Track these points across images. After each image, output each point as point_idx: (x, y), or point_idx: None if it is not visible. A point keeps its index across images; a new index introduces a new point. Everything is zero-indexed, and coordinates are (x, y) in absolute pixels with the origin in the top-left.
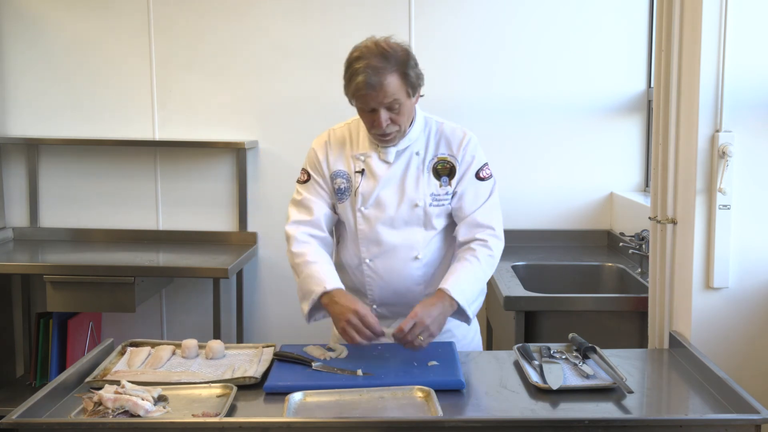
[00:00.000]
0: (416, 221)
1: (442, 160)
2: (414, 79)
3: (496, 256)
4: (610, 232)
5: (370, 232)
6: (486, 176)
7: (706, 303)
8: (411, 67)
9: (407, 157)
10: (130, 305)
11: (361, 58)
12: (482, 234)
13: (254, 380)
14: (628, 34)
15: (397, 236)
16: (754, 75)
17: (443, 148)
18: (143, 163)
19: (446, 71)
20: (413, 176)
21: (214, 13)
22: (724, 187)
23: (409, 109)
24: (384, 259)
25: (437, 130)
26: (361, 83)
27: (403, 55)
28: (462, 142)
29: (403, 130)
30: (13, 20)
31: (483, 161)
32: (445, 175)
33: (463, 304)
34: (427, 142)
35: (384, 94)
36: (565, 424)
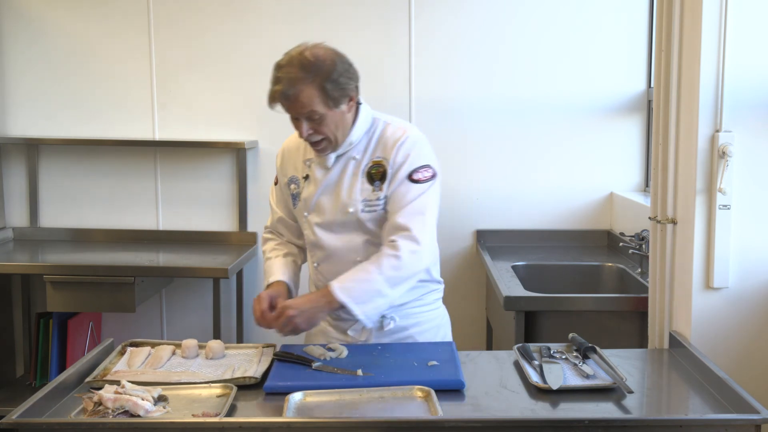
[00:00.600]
0: (352, 226)
1: (376, 164)
2: (335, 92)
3: (404, 257)
4: (610, 232)
5: (314, 237)
6: (421, 179)
7: (706, 303)
8: (332, 80)
9: (344, 162)
10: (130, 305)
11: (282, 66)
12: (395, 235)
13: (254, 380)
14: (628, 34)
15: (337, 240)
16: (754, 75)
17: (379, 151)
18: (143, 163)
19: (446, 71)
20: (347, 181)
21: (214, 14)
22: (724, 187)
23: (335, 119)
24: (328, 263)
25: (380, 133)
26: (276, 92)
27: (327, 67)
28: (396, 143)
29: (333, 139)
30: (13, 20)
31: (421, 163)
32: (378, 179)
33: (344, 300)
34: (366, 146)
35: (300, 105)
36: (565, 424)
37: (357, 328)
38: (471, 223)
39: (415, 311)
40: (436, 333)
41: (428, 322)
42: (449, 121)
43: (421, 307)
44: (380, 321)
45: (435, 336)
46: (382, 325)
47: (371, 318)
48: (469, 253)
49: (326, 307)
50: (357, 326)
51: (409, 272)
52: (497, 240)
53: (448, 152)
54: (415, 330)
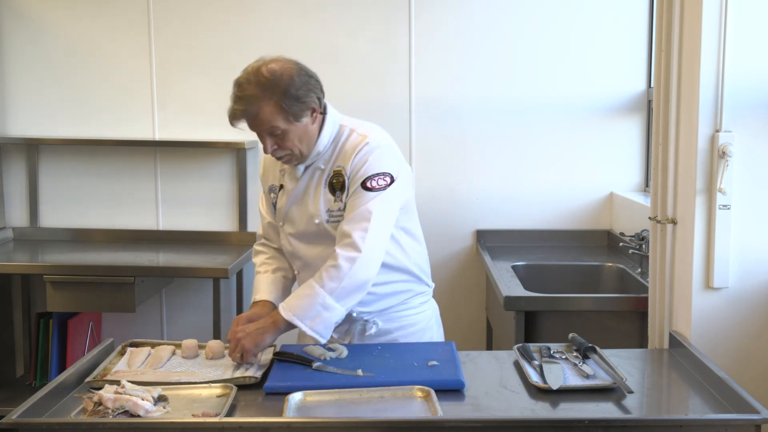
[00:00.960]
0: (323, 236)
1: (336, 173)
2: (294, 107)
3: (342, 266)
4: (610, 232)
5: (290, 247)
6: (375, 186)
7: (706, 303)
8: (289, 95)
9: (311, 173)
10: (130, 305)
11: (240, 84)
12: (338, 244)
13: (254, 380)
14: (628, 34)
15: (311, 250)
16: (754, 75)
17: (339, 160)
18: (143, 163)
19: (446, 71)
20: (312, 192)
21: (214, 14)
22: (724, 187)
23: (298, 133)
24: (306, 272)
25: (344, 141)
26: (236, 111)
27: (284, 83)
28: (354, 151)
29: (298, 153)
30: (13, 20)
31: (377, 170)
32: (338, 189)
33: (288, 318)
34: (331, 155)
35: (260, 122)
36: (565, 424)
37: (341, 331)
38: (471, 223)
39: (400, 315)
40: (422, 336)
41: (413, 326)
42: (449, 121)
43: (406, 310)
44: (363, 325)
45: (420, 339)
46: (364, 328)
47: (321, 333)
48: (469, 253)
49: (272, 328)
50: (341, 329)
51: (352, 281)
52: (497, 240)
53: (448, 152)
54: (400, 333)
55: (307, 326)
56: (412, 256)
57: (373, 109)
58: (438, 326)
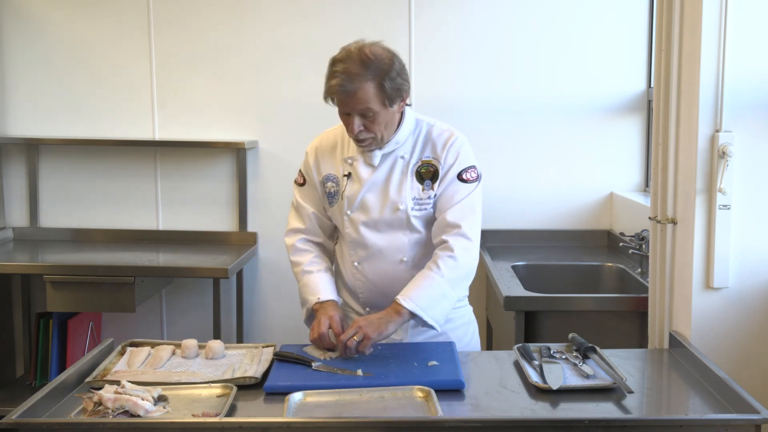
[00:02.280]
0: (400, 225)
1: (426, 163)
2: (391, 91)
3: (459, 256)
4: (610, 232)
5: (357, 236)
6: (469, 179)
7: (706, 303)
8: (390, 78)
9: (392, 161)
10: (130, 305)
11: (341, 61)
12: (448, 234)
13: (254, 380)
14: (628, 34)
15: (382, 239)
16: (754, 75)
17: (428, 151)
18: (143, 163)
19: (446, 71)
20: (396, 180)
21: (214, 13)
22: (724, 187)
23: (387, 117)
24: (371, 262)
25: (426, 133)
26: (335, 87)
27: (385, 65)
28: (446, 144)
29: (380, 138)
30: (13, 20)
31: (469, 163)
32: (428, 178)
33: (412, 309)
34: (414, 145)
35: (357, 101)
36: (565, 424)
37: None
38: None
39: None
40: (467, 330)
41: (459, 319)
42: (449, 121)
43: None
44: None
45: (465, 333)
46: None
47: (439, 321)
48: None
49: (396, 317)
50: None
51: (465, 270)
52: (497, 240)
53: None
54: (448, 327)
55: (429, 316)
56: None
57: None
58: (476, 321)
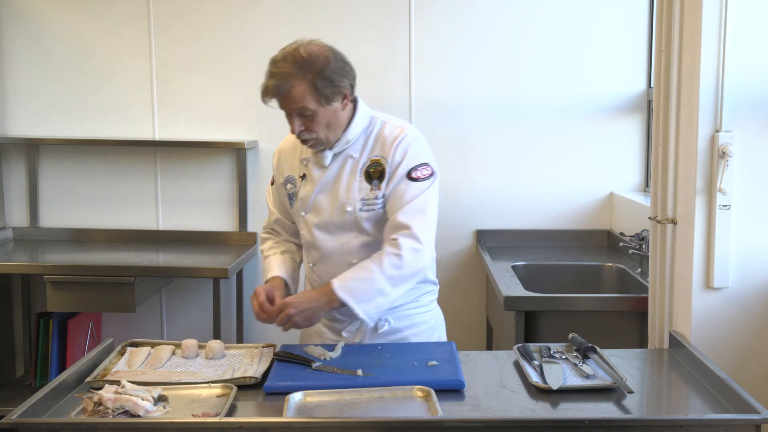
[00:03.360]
0: (349, 226)
1: (374, 162)
2: (327, 89)
3: (405, 256)
4: (610, 232)
5: (310, 237)
6: (420, 177)
7: (706, 303)
8: (324, 77)
9: (342, 161)
10: (130, 305)
11: (276, 61)
12: (397, 234)
13: (254, 380)
14: (628, 34)
15: (333, 241)
16: (754, 75)
17: (377, 150)
18: (143, 163)
19: (446, 71)
20: (345, 180)
21: (214, 13)
22: (724, 187)
23: (327, 117)
24: (324, 264)
25: (378, 131)
26: (269, 87)
27: (320, 63)
28: (394, 141)
29: (324, 138)
30: (13, 20)
31: (419, 161)
32: (376, 178)
33: (344, 298)
34: (364, 144)
35: (291, 100)
36: (565, 424)
37: (351, 330)
38: (471, 223)
39: (410, 312)
40: (431, 334)
41: (423, 324)
42: (449, 121)
43: (416, 308)
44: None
45: (429, 337)
46: (376, 326)
47: (372, 317)
48: (469, 253)
49: (326, 306)
50: (351, 327)
51: (410, 271)
52: (497, 240)
53: (448, 152)
54: (410, 332)
55: (361, 309)
56: None
57: (373, 109)
58: (443, 325)
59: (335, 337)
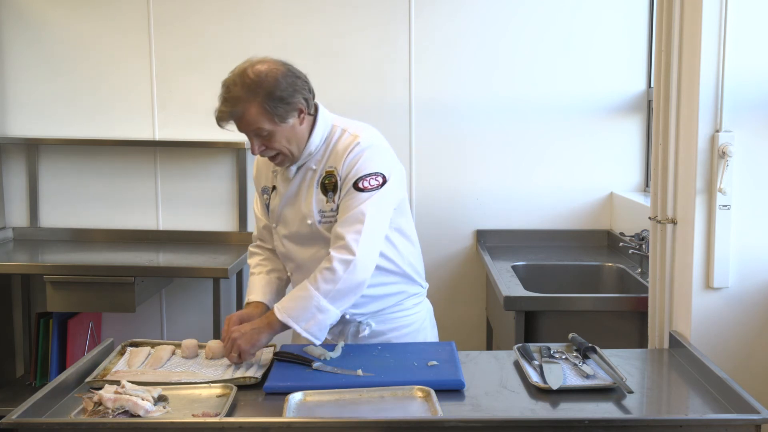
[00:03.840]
0: (315, 238)
1: (328, 174)
2: (279, 108)
3: (337, 269)
4: (610, 232)
5: (283, 248)
6: (367, 187)
7: (706, 303)
8: (275, 98)
9: (303, 173)
10: (130, 305)
11: (227, 86)
12: (332, 246)
13: (254, 380)
14: (628, 34)
15: (304, 252)
16: (754, 75)
17: (331, 161)
18: (143, 163)
19: (446, 71)
20: (305, 193)
21: (213, 13)
22: (724, 187)
23: (286, 134)
24: (299, 274)
25: (335, 141)
26: (222, 113)
27: (268, 84)
28: (346, 151)
29: (288, 153)
30: (13, 20)
31: (370, 170)
32: (330, 189)
33: (283, 320)
34: (323, 155)
35: (245, 123)
36: (565, 424)
37: (334, 332)
38: (471, 223)
39: (393, 316)
40: (416, 337)
41: (407, 327)
42: (449, 121)
43: (400, 312)
44: (356, 326)
45: (415, 339)
46: (358, 329)
47: (315, 335)
48: (469, 253)
49: (267, 328)
50: (334, 330)
51: (346, 284)
52: (497, 240)
53: (448, 152)
54: (394, 334)
55: (302, 328)
56: (405, 257)
57: (373, 109)
58: (432, 326)
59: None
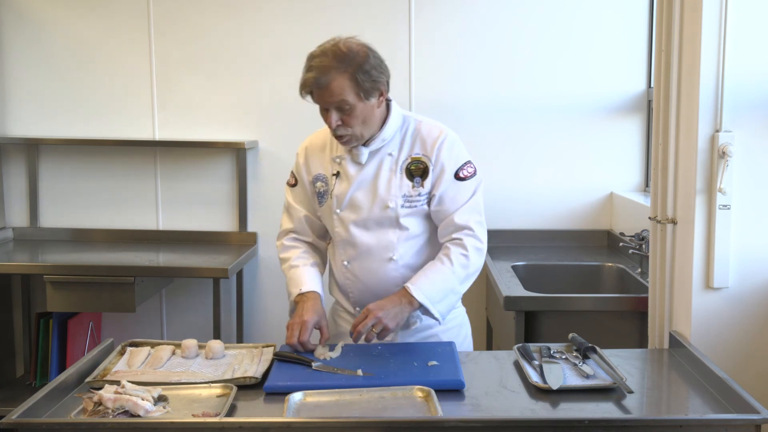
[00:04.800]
0: (389, 223)
1: (416, 161)
2: (366, 83)
3: (471, 255)
4: (610, 232)
5: (346, 234)
6: (466, 175)
7: (706, 303)
8: (364, 70)
9: (380, 158)
10: (130, 305)
11: (316, 56)
12: (458, 234)
13: (254, 380)
14: (628, 34)
15: (371, 238)
16: (754, 75)
17: (417, 148)
18: (143, 163)
19: (446, 71)
20: (385, 177)
21: (214, 13)
22: (724, 187)
23: (365, 112)
24: (360, 261)
25: (414, 130)
26: (309, 80)
27: (360, 57)
28: (436, 141)
29: (359, 134)
30: (13, 20)
31: (463, 160)
32: (418, 175)
33: (422, 300)
34: (401, 142)
35: (330, 93)
36: (565, 424)
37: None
38: None
39: None
40: (459, 331)
41: (451, 321)
42: (449, 121)
43: None
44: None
45: (458, 334)
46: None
47: (444, 315)
48: None
49: (408, 308)
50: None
51: (474, 269)
52: (497, 240)
53: None
54: (440, 328)
55: (436, 310)
56: None
57: None
58: (468, 323)
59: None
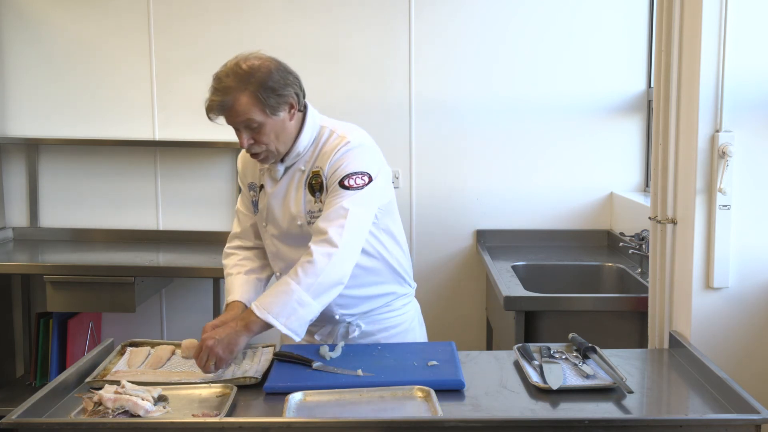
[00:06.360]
0: (305, 238)
1: (315, 174)
2: (271, 99)
3: (318, 261)
4: (610, 232)
5: (272, 247)
6: (353, 185)
7: (706, 303)
8: (268, 88)
9: (291, 174)
10: (130, 305)
11: (219, 77)
12: (313, 241)
13: (254, 380)
14: (628, 34)
15: (293, 252)
16: (754, 75)
17: (319, 161)
18: (143, 163)
19: (446, 71)
20: (293, 193)
21: (214, 14)
22: (724, 187)
23: (275, 128)
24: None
25: (323, 142)
26: (213, 103)
27: (262, 74)
28: (333, 151)
29: (275, 150)
30: (13, 20)
31: (356, 169)
32: (317, 189)
33: (264, 317)
34: (311, 156)
35: (235, 113)
36: (565, 424)
37: (323, 333)
38: (471, 223)
39: (383, 317)
40: (405, 337)
41: (396, 327)
42: (449, 121)
43: (388, 312)
44: (346, 327)
45: (404, 339)
46: (347, 331)
47: (296, 330)
48: (469, 253)
49: (244, 331)
50: (323, 330)
51: (328, 277)
52: (497, 240)
53: (448, 152)
54: (383, 335)
55: (282, 324)
56: (395, 258)
57: (373, 108)
58: (420, 326)
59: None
